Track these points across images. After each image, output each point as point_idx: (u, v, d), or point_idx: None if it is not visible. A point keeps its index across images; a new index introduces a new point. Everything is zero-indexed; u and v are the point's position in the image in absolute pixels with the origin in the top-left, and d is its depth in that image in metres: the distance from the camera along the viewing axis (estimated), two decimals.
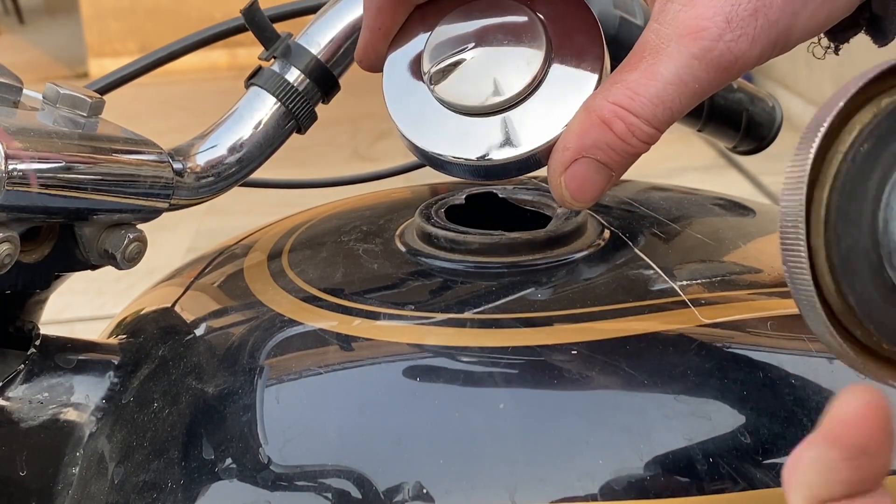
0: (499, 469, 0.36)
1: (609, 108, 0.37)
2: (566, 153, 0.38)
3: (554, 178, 0.38)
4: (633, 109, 0.36)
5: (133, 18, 5.38)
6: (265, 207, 1.47)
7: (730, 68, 0.36)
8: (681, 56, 0.35)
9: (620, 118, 0.37)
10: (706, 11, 0.35)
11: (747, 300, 0.42)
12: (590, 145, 0.37)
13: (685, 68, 0.36)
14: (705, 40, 0.35)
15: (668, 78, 0.36)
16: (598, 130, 0.37)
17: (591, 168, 0.37)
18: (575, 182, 0.38)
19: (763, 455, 0.36)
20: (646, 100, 0.36)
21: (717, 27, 0.35)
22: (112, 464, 0.41)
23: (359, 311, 0.42)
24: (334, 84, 0.47)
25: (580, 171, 0.38)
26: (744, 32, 0.35)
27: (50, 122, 0.39)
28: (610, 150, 0.37)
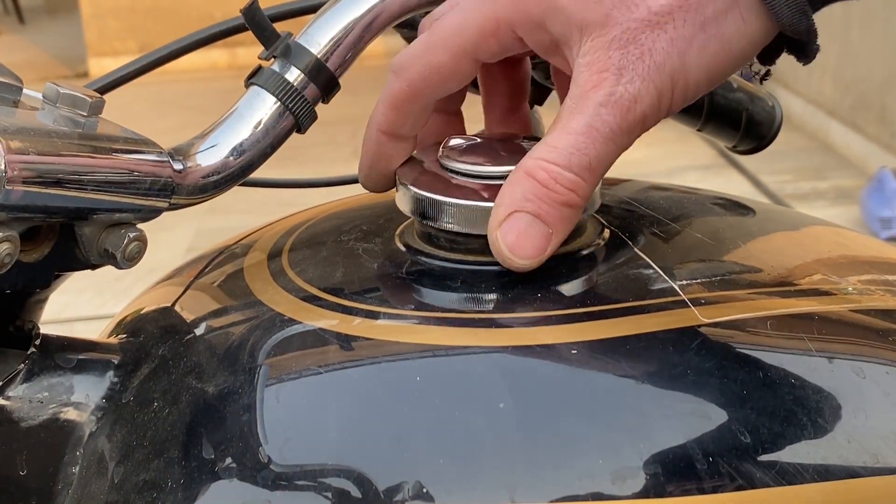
0: (499, 469, 0.36)
1: (532, 162, 0.41)
2: (499, 209, 0.42)
3: (491, 236, 0.42)
4: (551, 159, 0.41)
5: (133, 17, 5.38)
6: (265, 207, 1.47)
7: (631, 107, 0.40)
8: (588, 107, 0.40)
9: (541, 168, 0.41)
10: (602, 66, 0.40)
11: (747, 300, 0.42)
12: (519, 198, 0.41)
13: (594, 116, 0.40)
14: (605, 88, 0.40)
15: (579, 129, 0.41)
16: (524, 182, 0.41)
17: (524, 221, 0.41)
18: (510, 236, 0.41)
19: (763, 455, 0.36)
20: (562, 149, 0.41)
21: (612, 75, 0.40)
22: (112, 463, 0.41)
23: (359, 310, 0.42)
24: (334, 84, 0.47)
25: (514, 224, 0.41)
26: (635, 74, 0.40)
27: (50, 122, 0.39)
28: (538, 199, 0.41)
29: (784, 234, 0.52)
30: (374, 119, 0.46)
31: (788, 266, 0.46)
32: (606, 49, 0.40)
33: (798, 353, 0.40)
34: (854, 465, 0.37)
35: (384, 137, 0.46)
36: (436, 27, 0.44)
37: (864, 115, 3.38)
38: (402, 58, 0.45)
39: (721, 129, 0.60)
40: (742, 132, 0.60)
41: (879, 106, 3.28)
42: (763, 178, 3.28)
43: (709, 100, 0.58)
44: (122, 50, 5.21)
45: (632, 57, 0.40)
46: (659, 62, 0.40)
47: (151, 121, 3.78)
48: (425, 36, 0.44)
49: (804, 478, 0.36)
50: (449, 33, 0.43)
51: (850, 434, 0.38)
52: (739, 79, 0.61)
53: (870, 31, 3.30)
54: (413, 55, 0.44)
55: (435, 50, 0.44)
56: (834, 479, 0.37)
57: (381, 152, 0.47)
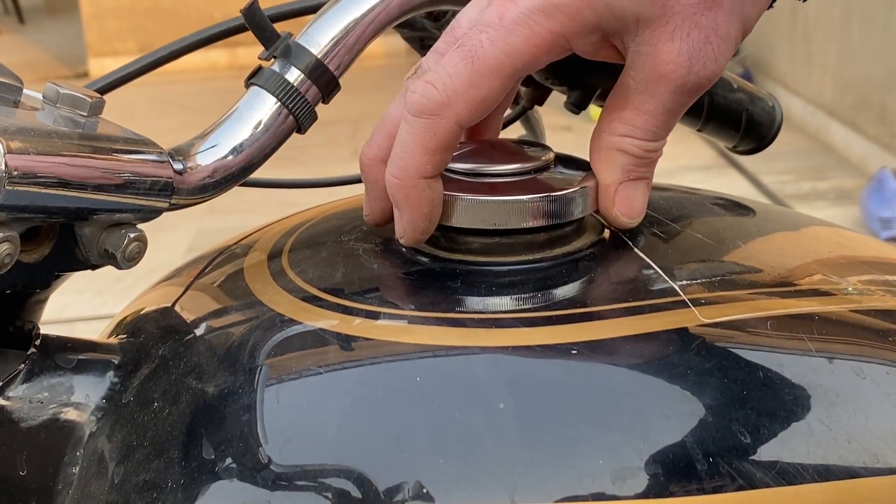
0: (499, 469, 0.36)
1: (617, 139, 0.44)
2: (609, 189, 0.45)
3: (609, 213, 0.45)
4: (638, 136, 0.44)
5: (133, 18, 5.38)
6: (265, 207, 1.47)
7: (702, 88, 0.43)
8: (661, 94, 0.42)
9: (633, 144, 0.44)
10: (669, 56, 0.41)
11: (747, 300, 0.42)
12: (619, 173, 0.44)
13: (667, 102, 0.43)
14: (677, 79, 0.42)
15: (656, 110, 0.43)
16: (620, 158, 0.44)
17: (629, 188, 0.45)
18: (625, 205, 0.45)
19: (763, 455, 0.36)
20: (643, 128, 0.43)
21: (682, 67, 0.41)
22: (112, 463, 0.41)
23: (359, 310, 0.42)
24: (334, 84, 0.47)
25: (623, 195, 0.45)
26: (706, 59, 0.42)
27: (50, 122, 0.39)
28: (637, 167, 0.44)
29: (784, 235, 0.52)
30: (413, 168, 0.42)
31: (788, 266, 0.46)
32: (670, 40, 0.41)
33: (798, 353, 0.40)
34: (854, 465, 0.37)
35: (430, 182, 0.42)
36: (477, 54, 0.40)
37: (864, 115, 3.38)
38: (437, 94, 0.40)
39: (721, 129, 0.60)
40: (742, 132, 0.60)
41: (879, 106, 3.29)
42: (763, 178, 3.28)
43: (709, 100, 0.58)
44: (122, 50, 5.21)
45: (697, 43, 0.41)
46: (724, 36, 0.41)
47: (151, 121, 3.78)
48: (467, 66, 0.40)
49: (804, 478, 0.36)
50: (497, 59, 0.40)
51: (850, 434, 0.38)
52: (739, 79, 0.60)
53: (870, 31, 3.31)
54: (454, 90, 0.40)
55: (482, 81, 0.40)
56: (834, 479, 0.37)
57: (428, 197, 0.42)
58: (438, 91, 0.40)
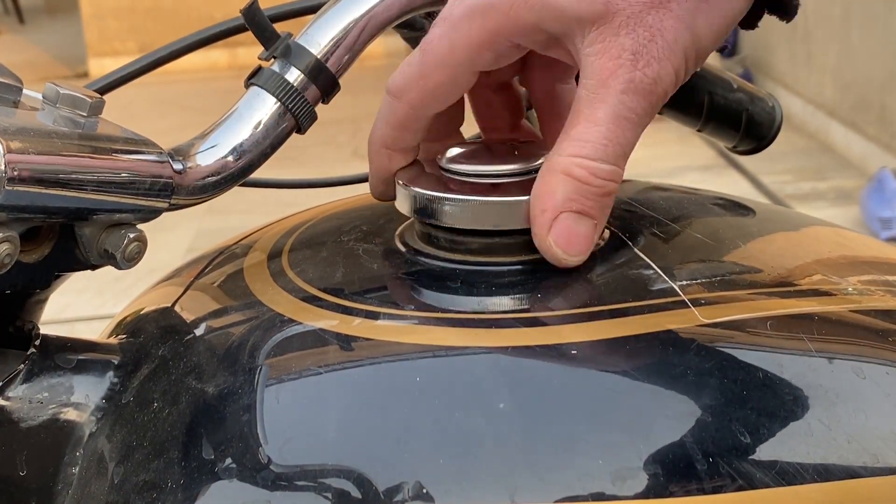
0: (499, 469, 0.36)
1: (566, 160, 0.41)
2: (545, 215, 0.42)
3: (542, 241, 0.42)
4: (586, 154, 0.41)
5: (133, 18, 5.38)
6: (265, 207, 1.47)
7: (653, 90, 0.41)
8: (611, 96, 0.40)
9: (578, 166, 0.41)
10: (615, 52, 0.40)
11: (747, 300, 0.42)
12: (562, 200, 0.41)
13: (618, 105, 0.40)
14: (623, 74, 0.40)
15: (607, 118, 0.41)
16: (564, 184, 0.41)
17: (572, 221, 0.42)
18: (562, 238, 0.42)
19: (763, 455, 0.36)
20: (595, 142, 0.41)
21: (628, 61, 0.40)
22: (112, 463, 0.41)
23: (359, 310, 0.42)
24: (334, 84, 0.47)
25: (563, 226, 0.42)
26: (651, 57, 0.40)
27: (50, 122, 0.39)
28: (581, 198, 0.41)
29: (784, 235, 0.52)
30: (377, 136, 0.47)
31: (788, 266, 0.46)
32: (615, 36, 0.40)
33: (798, 353, 0.40)
34: (854, 465, 0.37)
35: (388, 151, 0.47)
36: (427, 47, 0.44)
37: (864, 115, 3.38)
38: (399, 80, 0.45)
39: (721, 129, 0.60)
40: (742, 132, 0.60)
41: (879, 106, 3.29)
42: (763, 178, 3.28)
43: (709, 100, 0.58)
44: (122, 50, 5.21)
45: (643, 40, 0.40)
46: (670, 40, 0.40)
47: (151, 121, 3.78)
48: (419, 57, 0.44)
49: (804, 478, 0.36)
50: (442, 53, 0.43)
51: (850, 434, 0.38)
52: (739, 79, 0.61)
53: (870, 31, 3.31)
54: (409, 77, 0.44)
55: (431, 71, 0.44)
56: (834, 479, 0.37)
57: (386, 166, 0.47)
58: (400, 76, 0.45)
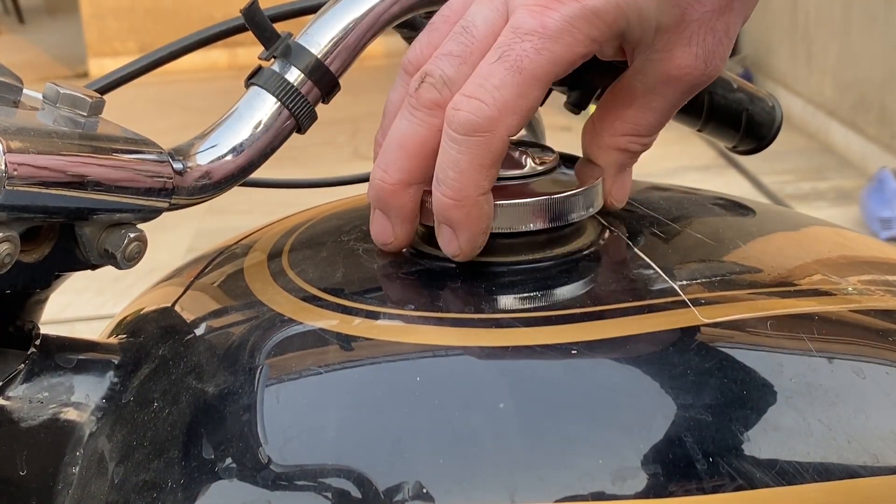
0: (499, 469, 0.36)
1: (620, 139, 0.46)
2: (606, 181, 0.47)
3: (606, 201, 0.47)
4: (639, 132, 0.46)
5: (133, 18, 5.38)
6: (265, 207, 1.47)
7: (709, 79, 0.45)
8: (671, 93, 0.44)
9: (632, 142, 0.46)
10: (686, 60, 0.43)
11: (747, 300, 0.42)
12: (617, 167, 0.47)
13: (676, 100, 0.45)
14: (691, 80, 0.44)
15: (661, 108, 0.45)
16: (620, 156, 0.46)
17: (623, 177, 0.47)
18: (620, 192, 0.47)
19: (763, 455, 0.36)
20: (646, 125, 0.45)
21: (698, 69, 0.44)
22: (112, 463, 0.41)
23: (359, 310, 0.42)
24: (334, 84, 0.47)
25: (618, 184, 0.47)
26: (717, 60, 0.44)
27: (50, 122, 0.39)
28: (631, 160, 0.47)
29: (784, 235, 0.52)
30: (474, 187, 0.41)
31: (788, 266, 0.46)
32: (687, 45, 0.43)
33: (798, 353, 0.40)
34: (854, 465, 0.37)
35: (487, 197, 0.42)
36: (523, 63, 0.39)
37: (864, 115, 3.38)
38: (487, 110, 0.40)
39: (721, 129, 0.60)
40: (742, 132, 0.60)
41: (879, 106, 3.28)
42: (763, 178, 3.28)
43: (709, 100, 0.58)
44: (122, 50, 5.21)
45: (710, 46, 0.43)
46: (732, 36, 0.44)
47: (151, 121, 3.78)
48: (513, 77, 0.39)
49: (804, 478, 0.36)
50: (545, 69, 0.40)
51: (850, 434, 0.38)
52: (739, 79, 0.60)
53: (870, 31, 3.30)
54: (506, 103, 0.40)
55: (530, 90, 0.40)
56: (834, 479, 0.37)
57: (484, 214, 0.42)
58: (488, 106, 0.40)
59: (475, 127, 0.40)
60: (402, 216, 0.43)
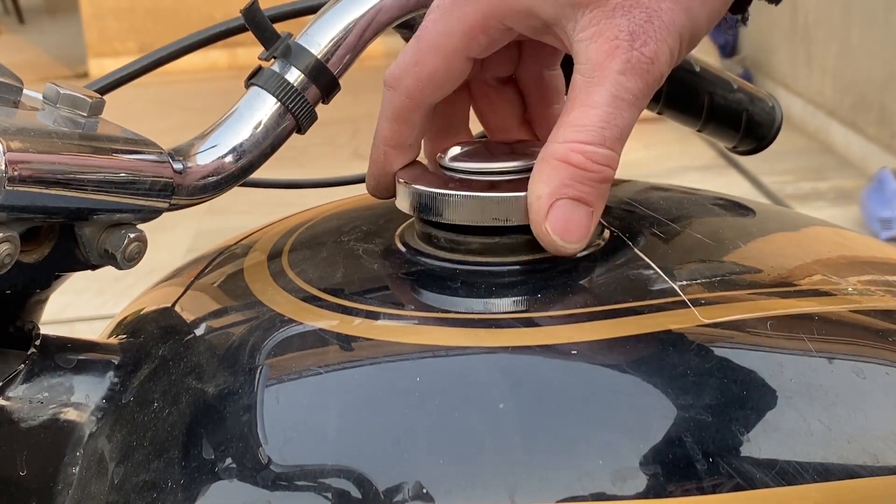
0: (499, 469, 0.36)
1: (562, 148, 0.41)
2: (540, 202, 0.41)
3: (539, 229, 0.42)
4: (583, 139, 0.40)
5: (133, 18, 5.38)
6: (265, 207, 1.47)
7: (650, 69, 0.40)
8: (608, 78, 0.40)
9: (575, 151, 0.40)
10: (611, 34, 0.40)
11: (747, 300, 0.42)
12: (559, 186, 0.41)
13: (615, 86, 0.40)
14: (621, 55, 0.40)
15: (604, 101, 0.40)
16: (561, 170, 0.41)
17: (568, 208, 0.41)
18: (558, 224, 0.41)
19: (763, 455, 0.36)
20: (591, 126, 0.40)
21: (625, 42, 0.40)
22: (112, 463, 0.41)
23: (359, 310, 0.42)
24: (334, 84, 0.47)
25: (560, 213, 0.41)
26: (647, 37, 0.40)
27: (50, 122, 0.39)
28: (578, 184, 0.41)
29: (784, 235, 0.52)
30: (380, 134, 0.46)
31: (788, 266, 0.46)
32: (611, 18, 0.40)
33: (798, 353, 0.40)
34: (854, 465, 0.37)
35: (391, 150, 0.46)
36: (421, 33, 0.44)
37: (864, 115, 3.38)
38: (394, 69, 0.45)
39: (721, 129, 0.60)
40: (742, 133, 0.60)
41: (879, 106, 3.29)
42: (763, 178, 3.28)
43: (709, 100, 0.58)
44: (122, 50, 5.21)
45: (639, 20, 0.40)
46: (667, 21, 0.40)
47: (151, 121, 3.78)
48: (413, 44, 0.44)
49: (804, 478, 0.36)
50: (436, 37, 0.43)
51: (850, 434, 0.38)
52: (739, 79, 0.61)
53: (870, 31, 3.31)
54: (405, 66, 0.44)
55: (424, 57, 0.44)
56: (834, 479, 0.37)
57: (388, 163, 0.47)
58: (395, 65, 0.45)
59: (385, 82, 0.45)
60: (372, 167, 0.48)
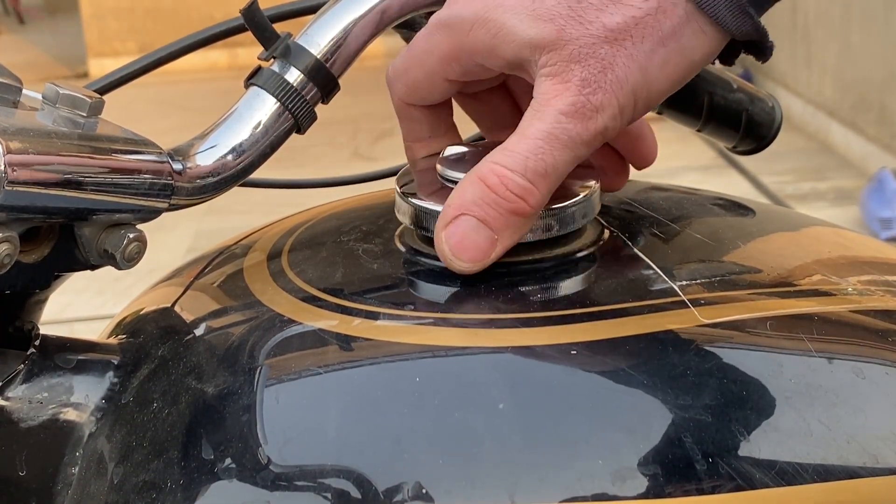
0: (499, 469, 0.36)
1: (486, 166, 0.41)
2: (447, 210, 0.42)
3: (437, 236, 0.42)
4: (505, 164, 0.41)
5: (133, 18, 5.38)
6: (265, 207, 1.47)
7: (593, 118, 0.40)
8: (549, 115, 0.40)
9: (494, 173, 0.41)
10: (564, 77, 0.40)
11: (747, 300, 0.42)
12: (468, 202, 0.41)
13: (554, 123, 0.40)
14: (567, 97, 0.40)
15: (538, 134, 0.40)
16: (475, 187, 0.41)
17: (469, 226, 0.41)
18: (454, 238, 0.41)
19: (763, 455, 0.36)
20: (518, 154, 0.41)
21: (575, 86, 0.40)
22: (112, 464, 0.41)
23: (359, 311, 0.42)
24: (334, 84, 0.47)
25: (459, 228, 0.41)
26: (598, 87, 0.40)
27: (50, 122, 0.39)
28: (486, 205, 0.41)
29: (784, 235, 0.52)
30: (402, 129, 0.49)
31: (788, 266, 0.46)
32: (567, 62, 0.40)
33: (798, 353, 0.40)
34: (854, 465, 0.37)
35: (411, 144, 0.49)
36: (413, 44, 0.45)
37: (864, 115, 3.38)
38: (390, 70, 0.47)
39: (721, 129, 0.60)
40: (742, 133, 0.60)
41: (879, 106, 3.29)
42: (763, 178, 3.28)
43: (709, 100, 0.58)
44: (122, 50, 5.21)
45: (593, 70, 0.40)
46: (621, 77, 0.40)
47: (151, 121, 3.78)
48: (406, 50, 0.46)
49: (804, 478, 0.36)
50: (420, 53, 0.45)
51: (850, 434, 0.38)
52: (739, 79, 0.60)
53: (870, 31, 3.30)
54: (396, 69, 0.47)
55: (410, 67, 0.46)
56: (834, 479, 0.37)
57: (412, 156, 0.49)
58: (391, 67, 0.47)
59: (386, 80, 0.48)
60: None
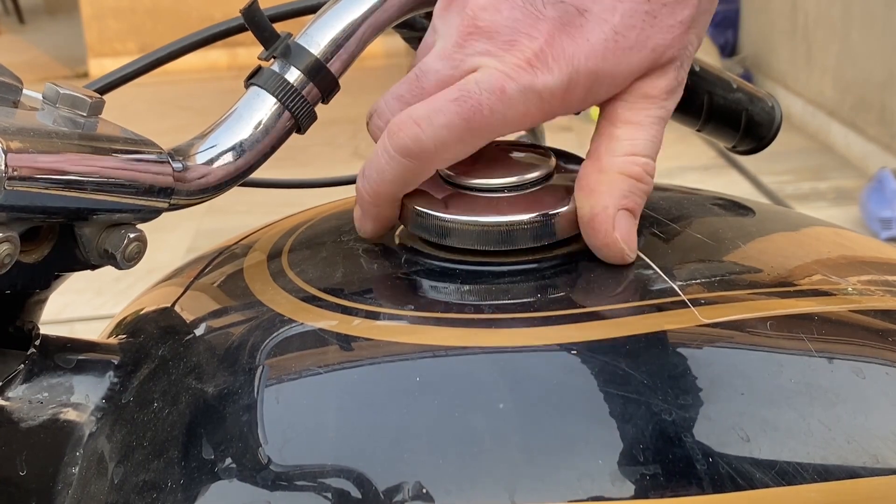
0: (499, 469, 0.36)
1: (621, 160, 0.43)
2: (607, 212, 0.42)
3: (608, 238, 0.42)
4: (639, 152, 0.43)
5: (133, 18, 5.38)
6: (265, 207, 1.47)
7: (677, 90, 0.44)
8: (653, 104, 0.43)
9: (636, 164, 0.42)
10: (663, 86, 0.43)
11: (747, 300, 0.42)
12: (619, 197, 0.42)
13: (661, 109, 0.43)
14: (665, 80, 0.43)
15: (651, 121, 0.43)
16: (621, 182, 0.42)
17: (627, 218, 0.43)
18: (624, 233, 0.42)
19: (763, 455, 0.36)
20: (644, 140, 0.43)
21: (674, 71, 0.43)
22: (112, 463, 0.41)
23: (359, 310, 0.42)
24: (334, 84, 0.47)
25: (623, 223, 0.42)
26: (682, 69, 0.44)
27: (50, 122, 0.39)
28: (634, 195, 0.43)
29: (784, 235, 0.52)
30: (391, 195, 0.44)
31: (788, 266, 0.46)
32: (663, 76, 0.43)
33: (798, 353, 0.40)
34: (854, 465, 0.37)
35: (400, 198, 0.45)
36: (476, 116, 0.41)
37: (865, 115, 3.38)
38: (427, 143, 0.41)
39: (721, 129, 0.60)
40: (742, 132, 0.60)
41: (879, 106, 3.28)
42: (763, 178, 3.28)
43: (708, 100, 0.58)
44: (122, 50, 5.21)
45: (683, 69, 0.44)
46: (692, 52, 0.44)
47: (151, 121, 3.78)
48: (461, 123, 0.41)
49: (804, 478, 0.36)
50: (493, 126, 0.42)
51: (850, 434, 0.38)
52: (739, 79, 0.60)
53: (870, 31, 3.30)
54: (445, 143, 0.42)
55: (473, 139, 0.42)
56: (834, 479, 0.37)
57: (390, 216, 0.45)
58: (427, 139, 0.41)
59: (409, 153, 0.41)
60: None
